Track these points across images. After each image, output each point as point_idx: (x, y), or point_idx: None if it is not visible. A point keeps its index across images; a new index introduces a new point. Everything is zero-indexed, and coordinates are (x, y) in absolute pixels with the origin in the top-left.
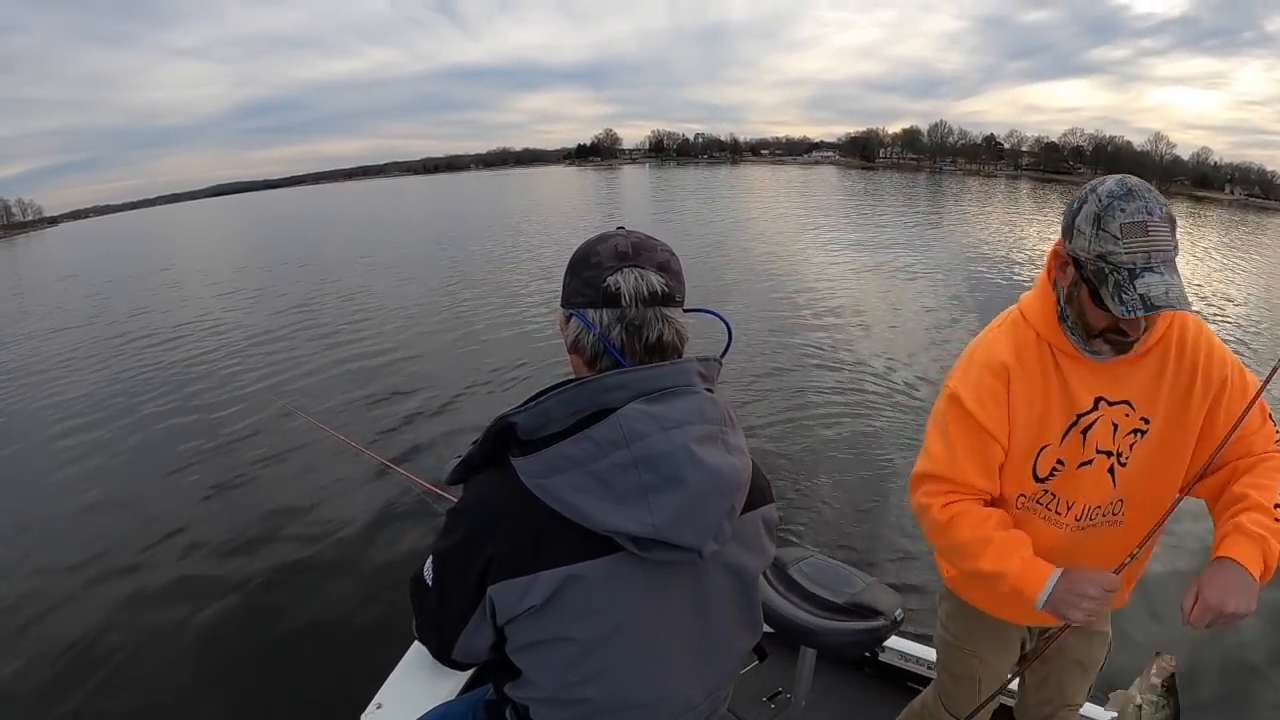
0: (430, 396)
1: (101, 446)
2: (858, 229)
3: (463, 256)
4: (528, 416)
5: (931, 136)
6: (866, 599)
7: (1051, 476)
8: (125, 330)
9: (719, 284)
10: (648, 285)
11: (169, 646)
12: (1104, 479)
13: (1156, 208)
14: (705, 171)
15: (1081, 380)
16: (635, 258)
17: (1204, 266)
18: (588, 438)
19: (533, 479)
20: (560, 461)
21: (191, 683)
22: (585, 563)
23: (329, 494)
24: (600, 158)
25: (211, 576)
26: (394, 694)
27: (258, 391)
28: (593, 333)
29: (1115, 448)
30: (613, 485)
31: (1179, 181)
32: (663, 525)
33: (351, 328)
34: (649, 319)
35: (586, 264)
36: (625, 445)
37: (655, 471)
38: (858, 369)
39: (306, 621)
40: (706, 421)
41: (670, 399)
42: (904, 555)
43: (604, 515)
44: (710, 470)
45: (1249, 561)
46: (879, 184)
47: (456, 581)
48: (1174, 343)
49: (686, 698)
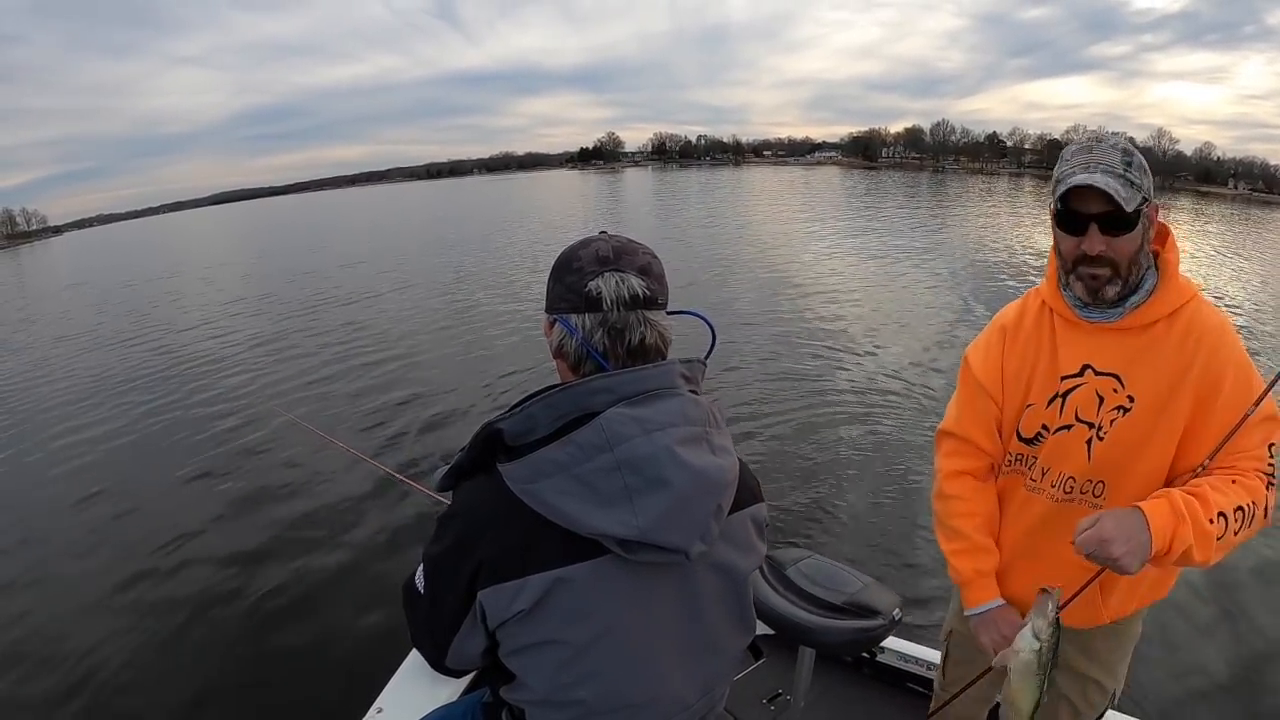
0: (433, 403)
1: (104, 452)
2: (862, 228)
3: (467, 261)
4: (513, 422)
5: (934, 135)
6: (865, 599)
7: (1037, 441)
8: (128, 338)
9: (725, 285)
10: (629, 289)
11: (170, 651)
12: (1080, 449)
13: (1109, 140)
14: (708, 173)
15: (1073, 345)
16: (616, 262)
17: (1209, 265)
18: (571, 442)
19: (519, 484)
20: (545, 466)
21: (192, 687)
22: (572, 566)
23: (330, 501)
24: (603, 161)
25: (212, 581)
26: (394, 698)
27: (260, 399)
28: (575, 337)
29: (1097, 420)
30: (597, 488)
31: (1183, 177)
32: (648, 527)
33: (354, 335)
34: (631, 322)
35: (568, 269)
36: (609, 449)
37: (639, 474)
38: (865, 368)
39: (308, 627)
40: (690, 423)
41: (653, 401)
42: (906, 556)
43: (589, 518)
44: (694, 471)
45: (1157, 526)
46: (882, 183)
47: (447, 586)
48: (1179, 327)
49: (680, 698)
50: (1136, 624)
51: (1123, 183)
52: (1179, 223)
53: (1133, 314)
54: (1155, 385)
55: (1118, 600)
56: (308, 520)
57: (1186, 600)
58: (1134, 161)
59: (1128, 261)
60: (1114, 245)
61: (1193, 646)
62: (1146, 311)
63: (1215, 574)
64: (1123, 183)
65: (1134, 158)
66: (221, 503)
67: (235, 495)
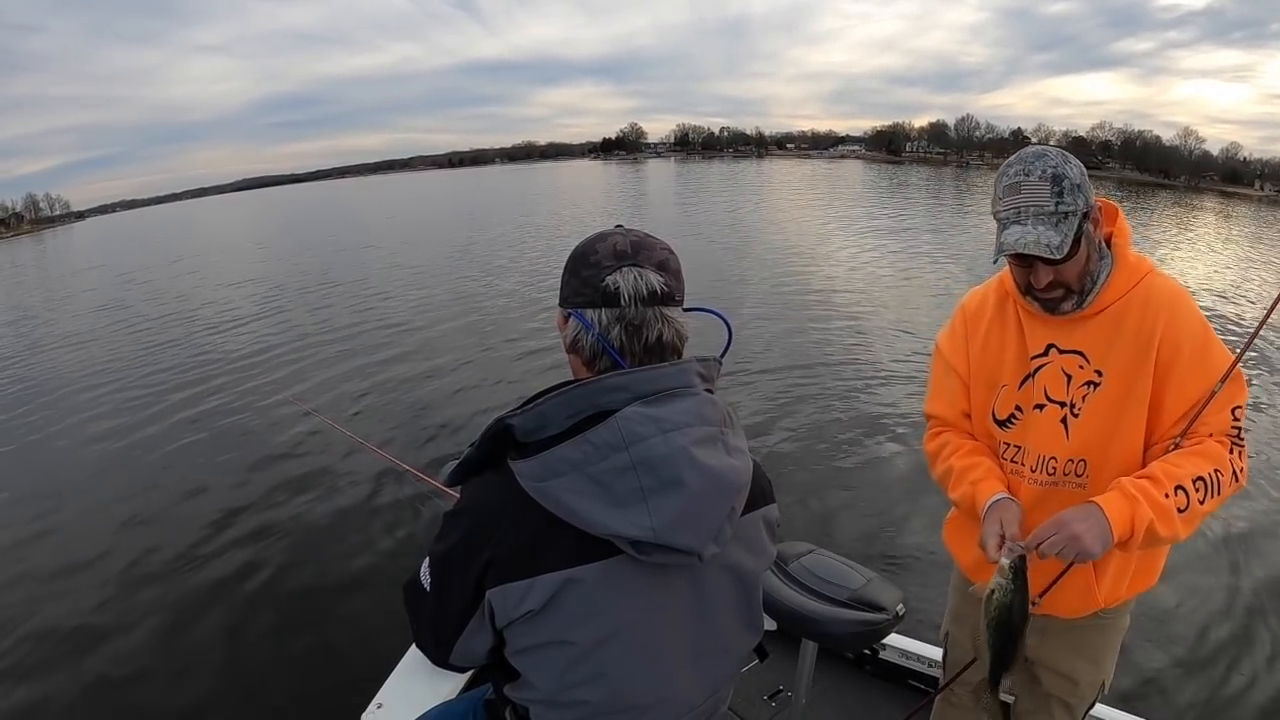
0: (448, 396)
1: (116, 439)
2: (888, 222)
3: (492, 252)
4: (526, 418)
5: (958, 131)
6: (869, 594)
7: (1010, 423)
8: (148, 324)
9: (740, 280)
10: (646, 284)
11: (171, 645)
12: (1057, 428)
13: (1038, 169)
14: (732, 165)
15: (1036, 329)
16: (634, 256)
17: (1236, 272)
18: (586, 440)
19: (531, 482)
20: (559, 464)
21: (192, 681)
22: (583, 566)
23: (336, 492)
24: (625, 152)
25: (213, 574)
26: (394, 693)
27: (274, 390)
28: (591, 333)
29: (1068, 398)
30: (611, 488)
31: (1208, 177)
32: (662, 529)
33: (373, 327)
34: (648, 319)
35: (585, 263)
36: (624, 448)
37: (654, 474)
38: (879, 366)
39: (308, 620)
40: (706, 423)
41: (670, 400)
42: (910, 554)
43: (602, 518)
44: (710, 473)
45: (1112, 512)
46: (907, 178)
47: (454, 585)
48: (1137, 301)
49: (687, 698)
50: (1124, 616)
51: (1053, 224)
52: (1206, 223)
53: (1092, 303)
54: (1121, 357)
55: (1109, 585)
56: (312, 511)
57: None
58: (1065, 186)
59: (1078, 278)
60: (1061, 271)
61: (1176, 631)
62: (1104, 297)
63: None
64: (1053, 224)
65: (1064, 180)
66: (222, 493)
67: (236, 484)
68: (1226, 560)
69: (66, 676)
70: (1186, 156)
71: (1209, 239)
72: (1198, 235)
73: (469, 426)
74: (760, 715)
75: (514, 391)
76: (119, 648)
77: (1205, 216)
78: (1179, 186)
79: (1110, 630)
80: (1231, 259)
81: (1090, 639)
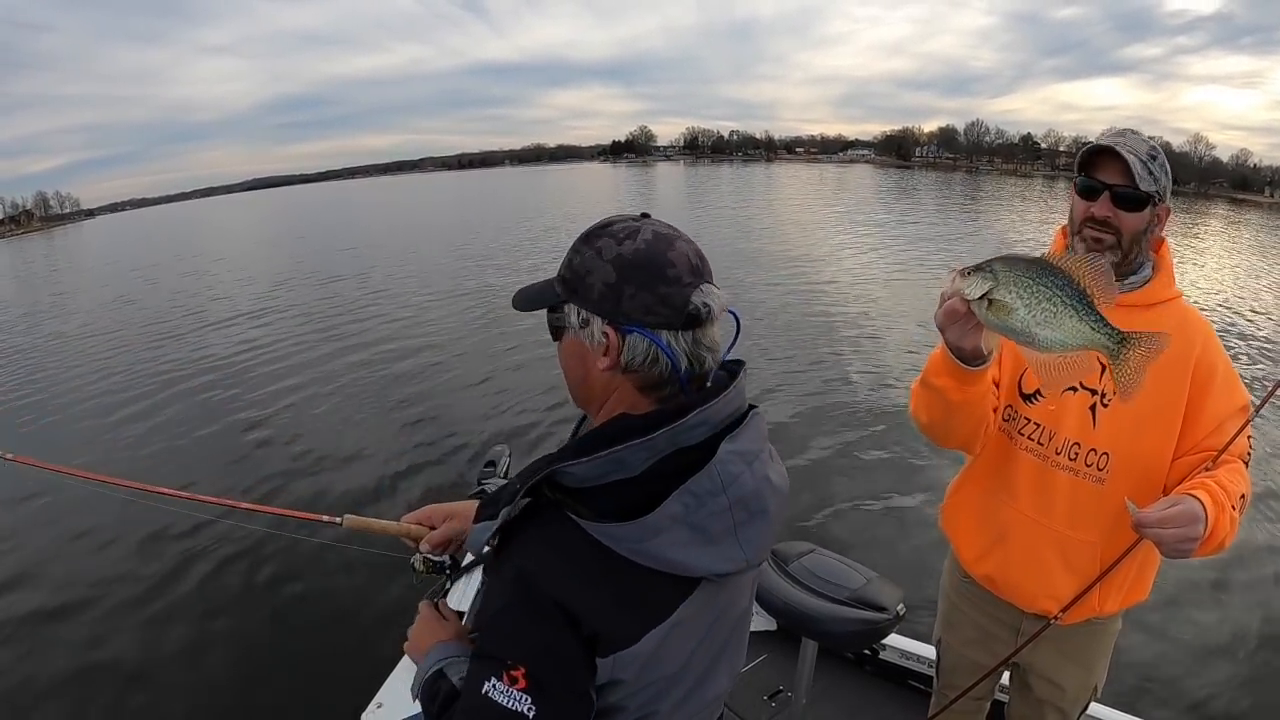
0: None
1: (120, 435)
2: (899, 227)
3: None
4: (590, 468)
5: (968, 135)
6: (869, 593)
7: (1034, 399)
8: (149, 324)
9: (746, 278)
10: (718, 304)
11: (171, 648)
12: (1085, 414)
13: (1143, 135)
14: (742, 169)
15: None
16: (705, 271)
17: (1242, 281)
18: (688, 492)
19: (626, 544)
20: (662, 523)
21: (194, 683)
22: (681, 607)
23: (335, 491)
24: (635, 154)
25: (213, 577)
26: (394, 693)
27: (275, 386)
28: (666, 358)
29: (1099, 386)
30: (707, 531)
31: (1218, 184)
32: (754, 558)
33: (375, 332)
34: (714, 341)
35: (661, 276)
36: (722, 492)
37: (745, 509)
38: (883, 365)
39: (308, 622)
40: (765, 439)
41: (744, 429)
42: (911, 554)
43: (701, 562)
44: (780, 493)
45: (1211, 519)
46: (916, 183)
47: (566, 684)
48: (1174, 317)
49: (721, 695)
50: (1116, 621)
51: (1142, 165)
52: (1214, 230)
53: (1133, 293)
54: (1158, 363)
55: (1109, 593)
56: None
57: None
58: (1158, 158)
59: (1130, 237)
60: (1121, 217)
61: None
62: (1147, 293)
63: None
64: (1142, 165)
65: (1159, 156)
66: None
67: (233, 489)
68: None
69: (67, 675)
70: (1196, 163)
71: (1221, 247)
72: (1206, 245)
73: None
74: (760, 715)
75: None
76: (119, 647)
77: (1215, 224)
78: (1189, 193)
79: (1102, 635)
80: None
81: (1081, 644)
